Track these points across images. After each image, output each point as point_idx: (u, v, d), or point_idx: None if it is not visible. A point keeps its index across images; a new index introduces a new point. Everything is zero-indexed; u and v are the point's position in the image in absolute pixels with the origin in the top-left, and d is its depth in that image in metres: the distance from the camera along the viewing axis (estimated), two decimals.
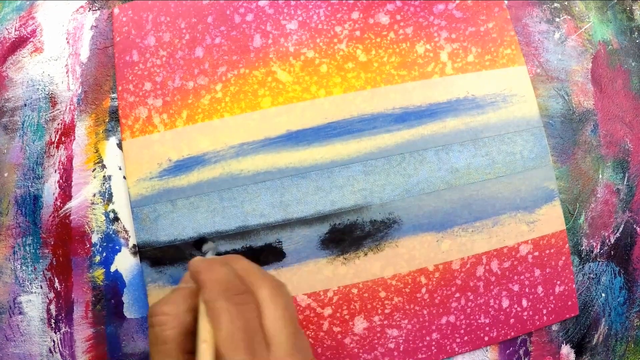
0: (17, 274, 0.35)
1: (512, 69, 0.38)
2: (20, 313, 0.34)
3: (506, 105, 0.37)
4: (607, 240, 0.38)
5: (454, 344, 0.35)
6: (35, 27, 0.38)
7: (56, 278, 0.35)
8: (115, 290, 0.35)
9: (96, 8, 0.38)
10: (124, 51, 0.37)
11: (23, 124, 0.36)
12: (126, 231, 0.35)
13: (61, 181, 0.36)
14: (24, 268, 0.35)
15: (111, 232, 0.35)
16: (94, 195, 0.36)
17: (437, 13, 0.38)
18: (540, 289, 0.36)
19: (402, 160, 0.36)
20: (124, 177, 0.36)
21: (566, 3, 0.40)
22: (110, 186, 0.36)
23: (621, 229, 0.38)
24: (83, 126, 0.36)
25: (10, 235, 0.35)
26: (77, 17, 0.38)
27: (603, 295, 0.37)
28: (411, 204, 0.36)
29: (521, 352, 0.36)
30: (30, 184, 0.36)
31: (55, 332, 0.34)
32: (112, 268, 0.35)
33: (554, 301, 0.36)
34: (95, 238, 0.35)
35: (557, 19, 0.39)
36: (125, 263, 0.35)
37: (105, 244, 0.35)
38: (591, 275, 0.37)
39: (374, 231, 0.35)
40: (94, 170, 0.36)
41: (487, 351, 0.36)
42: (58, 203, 0.35)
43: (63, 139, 0.36)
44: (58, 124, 0.36)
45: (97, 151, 0.36)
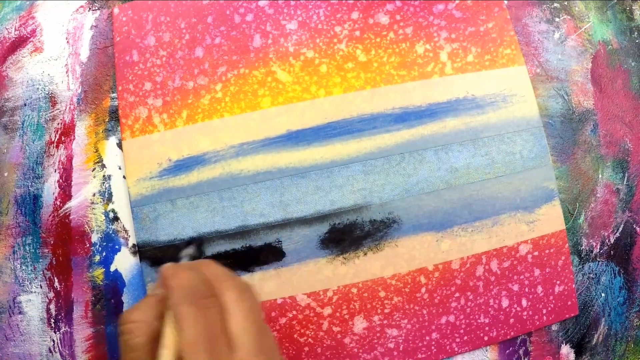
0: (17, 274, 0.35)
1: (512, 69, 0.38)
2: (20, 313, 0.34)
3: (506, 105, 0.37)
4: (607, 240, 0.38)
5: (454, 344, 0.35)
6: (35, 27, 0.38)
7: (56, 278, 0.35)
8: (115, 289, 0.35)
9: (96, 8, 0.38)
10: (124, 51, 0.37)
11: (23, 124, 0.36)
12: (126, 231, 0.35)
13: (61, 181, 0.36)
14: (24, 268, 0.35)
15: (111, 232, 0.35)
16: (94, 194, 0.36)
17: (437, 13, 0.38)
18: (540, 289, 0.36)
19: (402, 160, 0.36)
20: (124, 177, 0.36)
21: (566, 3, 0.40)
22: (110, 186, 0.36)
23: (621, 229, 0.38)
24: (83, 126, 0.36)
25: (10, 234, 0.35)
26: (77, 17, 0.38)
27: (603, 295, 0.37)
28: (411, 204, 0.36)
29: (521, 352, 0.36)
30: (30, 184, 0.36)
31: (55, 332, 0.34)
32: (112, 268, 0.35)
33: (554, 301, 0.36)
34: (95, 238, 0.35)
35: (557, 19, 0.39)
36: (125, 263, 0.35)
37: (105, 244, 0.35)
38: (591, 275, 0.37)
39: (374, 231, 0.35)
40: (94, 169, 0.36)
41: (487, 351, 0.36)
42: (58, 203, 0.35)
43: (63, 139, 0.36)
44: (58, 124, 0.36)
45: (97, 151, 0.36)
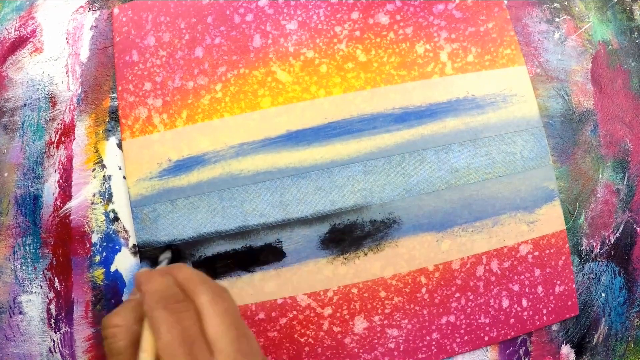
0: (17, 274, 0.35)
1: (512, 69, 0.38)
2: (20, 313, 0.34)
3: (506, 105, 0.37)
4: (607, 240, 0.38)
5: (454, 344, 0.35)
6: (35, 27, 0.38)
7: (56, 278, 0.35)
8: (115, 290, 0.35)
9: (96, 8, 0.38)
10: (124, 51, 0.37)
11: (23, 124, 0.36)
12: (126, 231, 0.35)
13: (61, 181, 0.36)
14: (24, 268, 0.35)
15: (111, 232, 0.35)
16: (94, 195, 0.36)
17: (437, 13, 0.38)
18: (540, 289, 0.36)
19: (402, 160, 0.36)
20: (124, 177, 0.36)
21: (566, 3, 0.40)
22: (110, 186, 0.36)
23: (621, 229, 0.38)
24: (83, 126, 0.36)
25: (10, 235, 0.35)
26: (77, 17, 0.38)
27: (603, 295, 0.37)
28: (411, 204, 0.36)
29: (521, 352, 0.36)
30: (30, 184, 0.36)
31: (55, 332, 0.34)
32: (112, 268, 0.35)
33: (554, 301, 0.36)
34: (95, 238, 0.35)
35: (557, 19, 0.39)
36: (125, 263, 0.35)
37: (105, 244, 0.35)
38: (591, 275, 0.37)
39: (374, 231, 0.35)
40: (94, 170, 0.36)
41: (487, 351, 0.36)
42: (58, 203, 0.35)
43: (63, 139, 0.36)
44: (58, 124, 0.36)
45: (97, 151, 0.36)
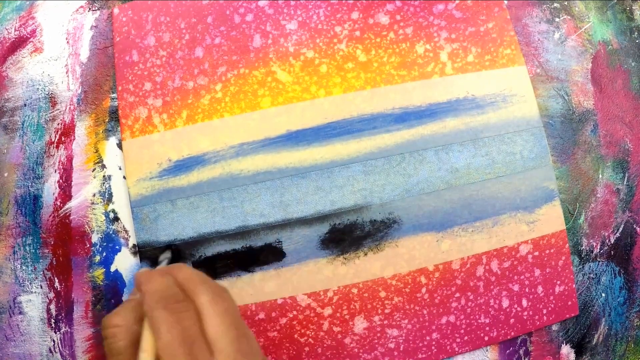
0: (17, 274, 0.35)
1: (512, 69, 0.38)
2: (20, 313, 0.34)
3: (506, 105, 0.37)
4: (607, 240, 0.38)
5: (454, 344, 0.35)
6: (35, 27, 0.38)
7: (56, 278, 0.35)
8: (115, 290, 0.35)
9: (96, 8, 0.38)
10: (124, 51, 0.37)
11: (23, 124, 0.36)
12: (126, 231, 0.35)
13: (61, 181, 0.36)
14: (24, 268, 0.35)
15: (111, 232, 0.35)
16: (94, 195, 0.36)
17: (437, 13, 0.38)
18: (540, 289, 0.36)
19: (402, 160, 0.36)
20: (124, 177, 0.36)
21: (566, 3, 0.40)
22: (110, 186, 0.36)
23: (621, 229, 0.38)
24: (83, 126, 0.36)
25: (10, 235, 0.35)
26: (77, 17, 0.38)
27: (603, 295, 0.37)
28: (411, 204, 0.36)
29: (521, 352, 0.36)
30: (30, 184, 0.36)
31: (55, 332, 0.34)
32: (112, 268, 0.35)
33: (554, 301, 0.36)
34: (95, 238, 0.35)
35: (557, 19, 0.39)
36: (125, 263, 0.35)
37: (105, 244, 0.35)
38: (591, 275, 0.37)
39: (374, 231, 0.35)
40: (94, 170, 0.36)
41: (487, 351, 0.36)
42: (58, 203, 0.35)
43: (63, 139, 0.36)
44: (58, 124, 0.36)
45: (97, 151, 0.36)
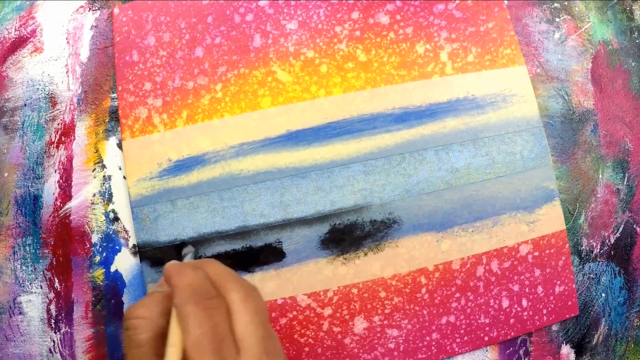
0: (17, 274, 0.35)
1: (512, 69, 0.37)
2: (20, 313, 0.34)
3: (506, 105, 0.37)
4: (607, 240, 0.38)
5: (454, 344, 0.35)
6: (35, 27, 0.38)
7: (56, 278, 0.35)
8: (115, 290, 0.35)
9: (96, 8, 0.38)
10: (124, 51, 0.37)
11: (23, 124, 0.36)
12: (126, 231, 0.35)
13: (61, 181, 0.36)
14: (24, 268, 0.35)
15: (111, 232, 0.35)
16: (94, 195, 0.36)
17: (437, 13, 0.38)
18: (540, 289, 0.36)
19: (402, 160, 0.36)
20: (124, 177, 0.36)
21: (566, 3, 0.40)
22: (110, 186, 0.36)
23: (621, 229, 0.38)
24: (83, 126, 0.36)
25: (10, 235, 0.35)
26: (77, 17, 0.38)
27: (603, 295, 0.37)
28: (411, 204, 0.36)
29: (521, 352, 0.36)
30: (30, 184, 0.36)
31: (55, 332, 0.34)
32: (112, 268, 0.35)
33: (554, 301, 0.36)
34: (95, 238, 0.35)
35: (557, 19, 0.39)
36: (125, 263, 0.35)
37: (105, 244, 0.35)
38: (591, 275, 0.37)
39: (374, 231, 0.35)
40: (94, 170, 0.36)
41: (487, 351, 0.36)
42: (58, 203, 0.35)
43: (63, 139, 0.36)
44: (58, 124, 0.36)
45: (97, 151, 0.36)
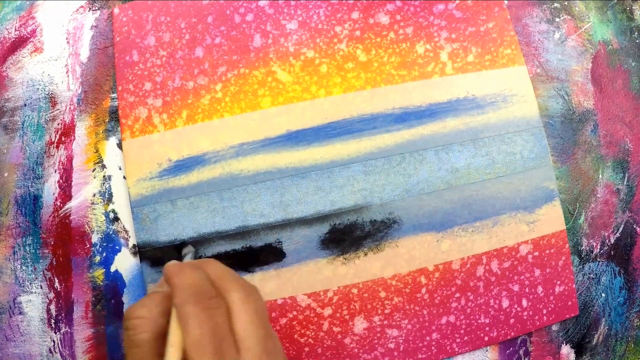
0: (17, 274, 0.35)
1: (512, 69, 0.37)
2: (20, 313, 0.34)
3: (506, 105, 0.37)
4: (607, 240, 0.38)
5: (454, 344, 0.35)
6: (35, 27, 0.38)
7: (56, 278, 0.35)
8: (115, 290, 0.35)
9: (96, 8, 0.38)
10: (124, 51, 0.37)
11: (23, 124, 0.36)
12: (126, 231, 0.35)
13: (61, 181, 0.36)
14: (24, 268, 0.35)
15: (111, 232, 0.35)
16: (94, 195, 0.36)
17: (437, 13, 0.38)
18: (540, 289, 0.36)
19: (402, 160, 0.36)
20: (124, 177, 0.36)
21: (566, 3, 0.40)
22: (110, 186, 0.36)
23: (621, 229, 0.38)
24: (83, 126, 0.36)
25: (10, 235, 0.35)
26: (77, 17, 0.38)
27: (603, 295, 0.37)
28: (411, 204, 0.36)
29: (521, 352, 0.36)
30: (30, 184, 0.36)
31: (55, 332, 0.34)
32: (112, 268, 0.35)
33: (554, 301, 0.36)
34: (95, 238, 0.35)
35: (557, 19, 0.39)
36: (125, 263, 0.35)
37: (105, 244, 0.35)
38: (591, 275, 0.37)
39: (374, 231, 0.35)
40: (94, 170, 0.36)
41: (487, 351, 0.36)
42: (58, 203, 0.35)
43: (63, 139, 0.36)
44: (58, 124, 0.36)
45: (97, 151, 0.36)
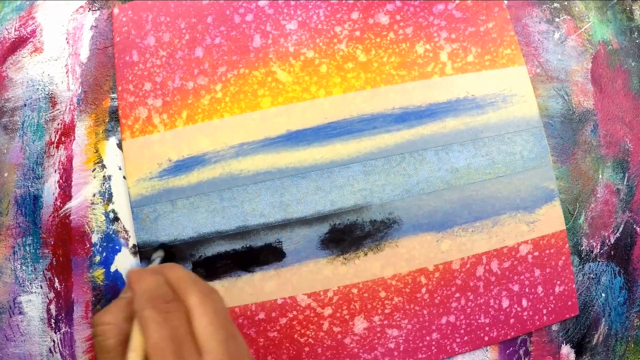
0: (17, 274, 0.35)
1: (512, 69, 0.38)
2: (20, 313, 0.34)
3: (506, 105, 0.37)
4: (607, 240, 0.38)
5: (454, 344, 0.35)
6: (35, 27, 0.38)
7: (56, 278, 0.35)
8: (115, 290, 0.35)
9: (96, 8, 0.38)
10: (124, 51, 0.37)
11: (23, 124, 0.36)
12: (126, 231, 0.35)
13: (61, 181, 0.36)
14: (24, 268, 0.35)
15: (111, 232, 0.35)
16: (94, 195, 0.36)
17: (437, 13, 0.38)
18: (540, 289, 0.36)
19: (402, 160, 0.36)
20: (124, 177, 0.36)
21: (566, 3, 0.40)
22: (110, 186, 0.36)
23: (621, 229, 0.38)
24: (83, 126, 0.36)
25: (10, 235, 0.35)
26: (77, 17, 0.38)
27: (603, 295, 0.37)
28: (411, 204, 0.36)
29: (521, 352, 0.36)
30: (30, 184, 0.36)
31: (55, 332, 0.34)
32: (112, 268, 0.35)
33: (554, 301, 0.36)
34: (95, 238, 0.35)
35: (557, 19, 0.39)
36: (125, 263, 0.35)
37: (105, 244, 0.35)
38: (591, 275, 0.37)
39: (374, 231, 0.35)
40: (94, 170, 0.36)
41: (487, 351, 0.36)
42: (58, 203, 0.35)
43: (63, 139, 0.36)
44: (58, 124, 0.36)
45: (97, 151, 0.36)
